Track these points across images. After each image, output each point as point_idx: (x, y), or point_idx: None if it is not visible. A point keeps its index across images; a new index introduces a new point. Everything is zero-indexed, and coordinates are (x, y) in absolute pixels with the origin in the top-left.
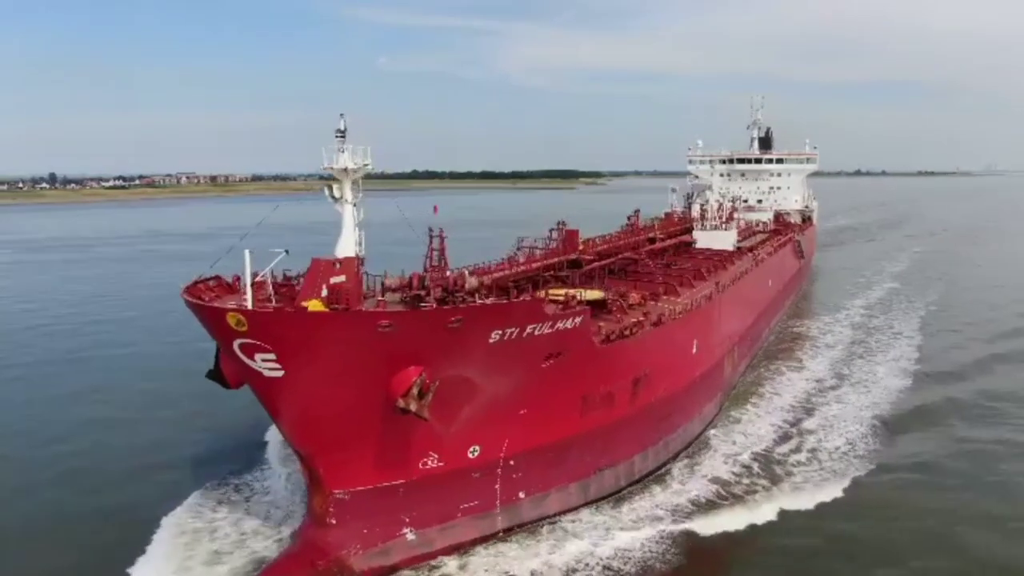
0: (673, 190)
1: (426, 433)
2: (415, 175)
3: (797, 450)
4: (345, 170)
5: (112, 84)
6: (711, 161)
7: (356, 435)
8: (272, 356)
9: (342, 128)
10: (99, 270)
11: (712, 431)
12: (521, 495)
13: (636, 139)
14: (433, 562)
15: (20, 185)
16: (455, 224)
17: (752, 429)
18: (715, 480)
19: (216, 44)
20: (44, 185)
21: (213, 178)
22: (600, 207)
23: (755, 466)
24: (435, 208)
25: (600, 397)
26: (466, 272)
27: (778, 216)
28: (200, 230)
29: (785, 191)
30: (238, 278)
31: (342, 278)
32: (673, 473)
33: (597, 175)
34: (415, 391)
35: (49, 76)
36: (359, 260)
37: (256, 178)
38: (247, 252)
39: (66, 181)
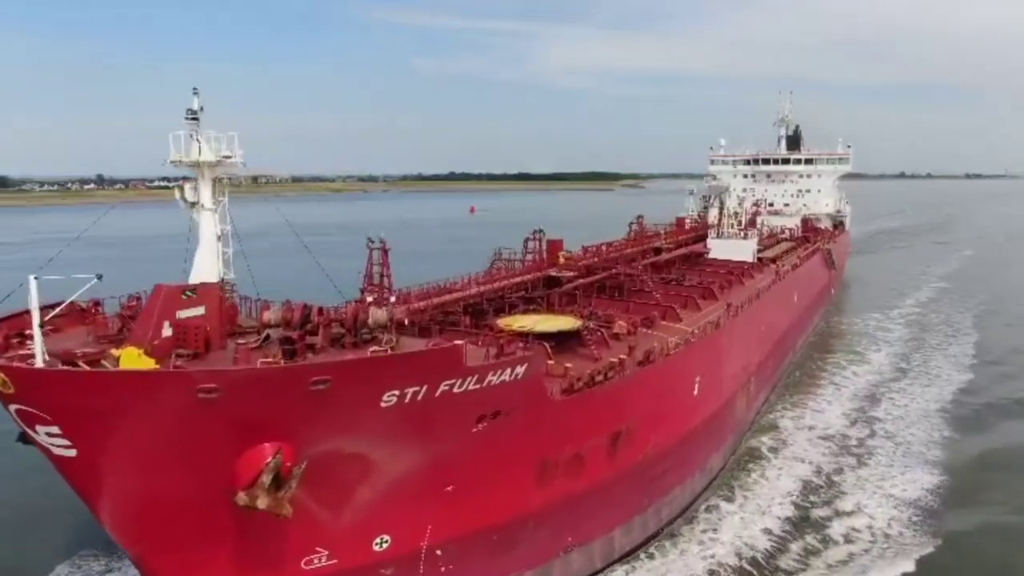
0: (690, 192)
1: (307, 523)
2: (452, 176)
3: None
4: (199, 164)
5: (151, 88)
6: (734, 161)
7: (201, 530)
8: (55, 429)
9: (195, 108)
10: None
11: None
12: None
13: (674, 141)
14: None
15: (70, 186)
16: (485, 225)
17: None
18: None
19: (241, 48)
20: (92, 186)
21: (255, 179)
22: (634, 210)
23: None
24: (472, 208)
25: (565, 461)
26: (391, 300)
27: (806, 221)
28: (249, 228)
29: (815, 194)
30: (97, 304)
31: (199, 311)
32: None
33: (635, 177)
34: (267, 479)
35: (82, 84)
36: (224, 287)
37: (296, 179)
38: (33, 280)
39: (112, 182)
